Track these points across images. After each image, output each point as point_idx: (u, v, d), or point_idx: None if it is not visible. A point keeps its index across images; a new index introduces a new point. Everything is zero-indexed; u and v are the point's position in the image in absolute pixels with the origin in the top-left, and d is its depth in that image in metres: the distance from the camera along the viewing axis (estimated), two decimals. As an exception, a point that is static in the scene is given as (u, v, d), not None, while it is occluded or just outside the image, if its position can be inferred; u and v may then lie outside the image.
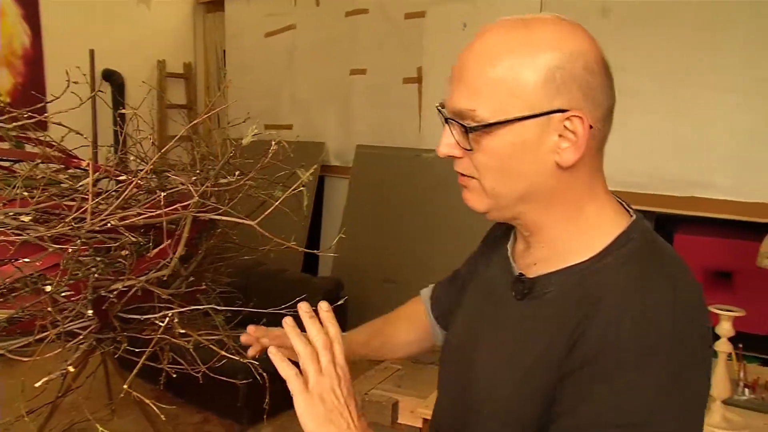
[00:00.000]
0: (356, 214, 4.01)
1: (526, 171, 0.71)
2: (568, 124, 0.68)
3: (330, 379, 0.72)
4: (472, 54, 0.71)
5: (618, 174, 2.86)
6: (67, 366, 1.00)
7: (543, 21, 0.70)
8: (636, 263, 0.70)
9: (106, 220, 0.98)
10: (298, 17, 4.38)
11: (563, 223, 0.75)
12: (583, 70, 0.68)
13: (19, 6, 4.04)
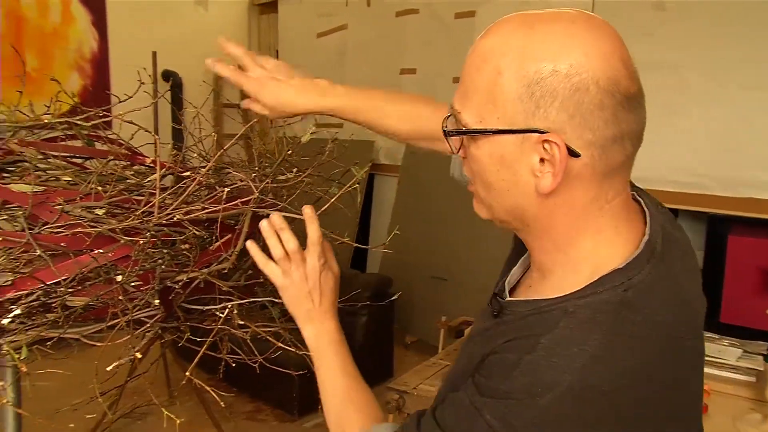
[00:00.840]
0: (404, 211, 4.02)
1: (507, 188, 0.65)
2: (547, 147, 0.60)
3: (298, 274, 0.91)
4: (472, 53, 0.65)
5: (670, 173, 2.79)
6: (135, 352, 1.04)
7: (551, 22, 0.61)
8: (580, 320, 0.60)
9: (172, 214, 1.02)
10: (350, 17, 4.41)
11: (551, 251, 0.68)
12: (571, 89, 0.58)
13: (90, 12, 4.20)
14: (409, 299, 3.66)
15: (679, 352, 0.63)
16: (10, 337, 0.93)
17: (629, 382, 0.58)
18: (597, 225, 0.65)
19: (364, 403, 0.88)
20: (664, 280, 0.64)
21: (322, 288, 0.93)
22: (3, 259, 0.93)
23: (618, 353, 0.58)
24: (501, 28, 0.64)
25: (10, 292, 0.93)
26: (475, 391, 0.63)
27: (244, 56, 1.13)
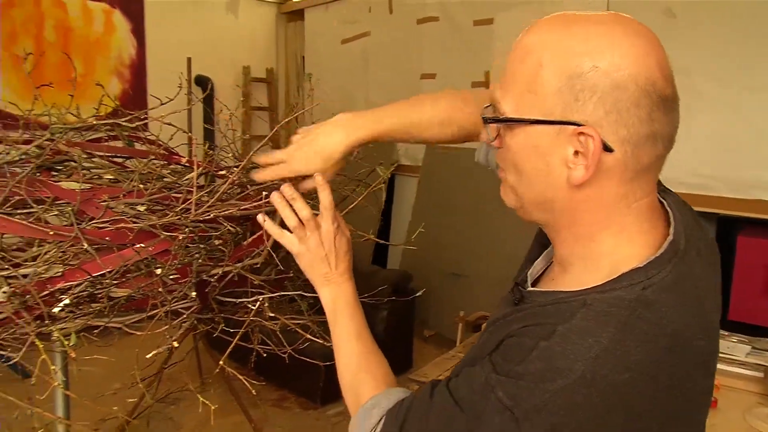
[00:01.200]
0: (424, 210, 4.02)
1: (538, 178, 0.65)
2: (582, 139, 0.60)
3: (314, 239, 0.91)
4: (515, 47, 0.66)
5: (682, 175, 2.76)
6: (172, 341, 1.06)
7: (591, 22, 0.61)
8: (596, 313, 0.60)
9: (208, 211, 1.03)
10: (372, 25, 4.42)
11: (573, 245, 0.67)
12: (611, 85, 0.58)
13: (129, 21, 4.28)
14: (427, 294, 3.66)
15: (688, 352, 0.62)
16: (60, 324, 0.96)
17: (638, 377, 0.58)
18: (621, 223, 0.64)
19: (377, 366, 0.87)
20: (682, 281, 0.63)
21: (338, 251, 0.92)
22: (54, 252, 0.96)
23: (629, 348, 0.58)
24: (543, 25, 0.64)
25: (60, 282, 0.95)
26: (491, 369, 0.63)
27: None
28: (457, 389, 0.67)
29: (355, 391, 0.85)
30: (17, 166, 1.11)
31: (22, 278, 0.95)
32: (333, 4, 4.73)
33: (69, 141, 1.19)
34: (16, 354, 0.97)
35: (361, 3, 4.47)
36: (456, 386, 0.67)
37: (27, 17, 3.89)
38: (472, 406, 0.63)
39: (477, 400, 0.63)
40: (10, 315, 0.94)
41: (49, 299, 0.96)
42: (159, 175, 1.25)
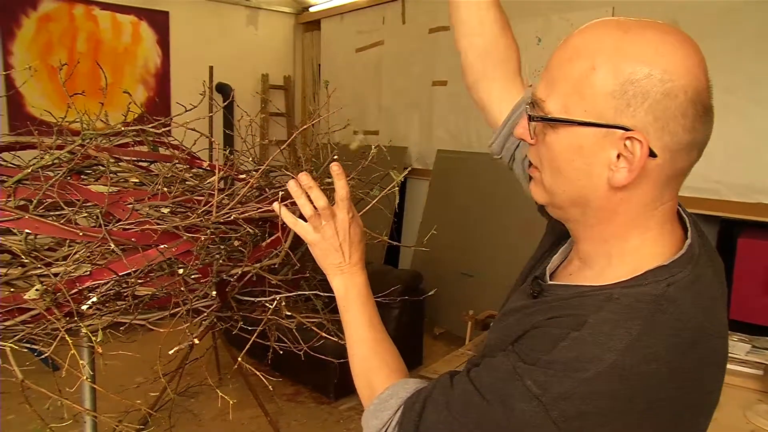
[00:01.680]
0: (435, 212, 4.01)
1: (578, 177, 0.63)
2: (628, 143, 0.59)
3: (329, 229, 0.87)
4: (564, 46, 0.64)
5: (690, 180, 2.74)
6: (193, 338, 1.06)
7: (646, 29, 0.60)
8: (624, 306, 0.60)
9: (229, 213, 1.04)
10: (386, 34, 4.42)
11: (600, 244, 0.67)
12: (662, 93, 0.58)
13: (155, 32, 4.32)
14: (438, 293, 3.65)
15: (707, 348, 0.62)
16: (88, 321, 0.97)
17: (662, 368, 0.58)
18: (647, 224, 0.64)
19: (390, 356, 0.85)
20: (699, 281, 0.63)
21: (351, 241, 0.88)
22: (83, 252, 0.97)
23: (656, 340, 0.58)
24: (596, 28, 0.63)
25: (88, 281, 0.96)
26: (517, 358, 0.63)
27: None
28: (479, 378, 0.66)
29: (367, 379, 0.83)
30: (50, 170, 1.12)
31: (53, 277, 0.96)
32: (348, 15, 4.74)
33: (98, 146, 1.21)
34: (47, 348, 0.98)
35: (376, 14, 4.47)
36: (478, 376, 0.66)
37: (63, 31, 3.95)
38: (496, 394, 0.62)
39: (502, 389, 0.62)
40: (42, 311, 0.96)
41: (78, 297, 0.97)
42: (182, 179, 1.26)
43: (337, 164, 0.88)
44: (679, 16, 2.74)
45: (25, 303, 0.96)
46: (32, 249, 0.98)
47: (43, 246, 1.03)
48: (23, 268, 0.97)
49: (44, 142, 1.19)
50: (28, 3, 3.82)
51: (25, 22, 3.82)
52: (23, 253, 0.95)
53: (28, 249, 0.96)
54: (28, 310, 0.97)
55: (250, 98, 4.72)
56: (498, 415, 0.62)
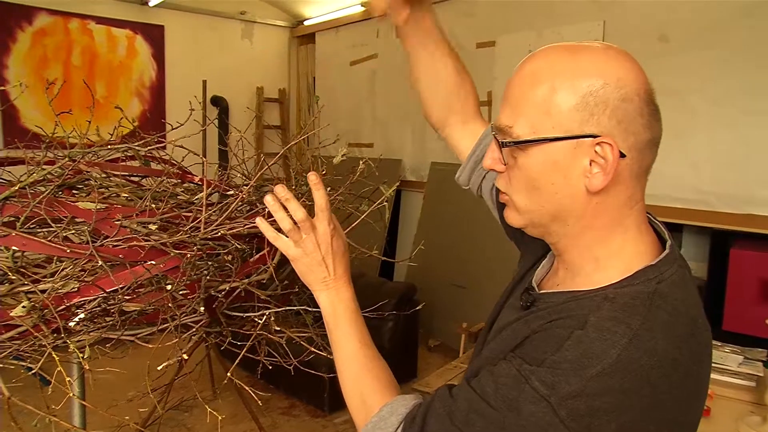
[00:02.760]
0: (429, 224, 4.02)
1: (556, 191, 0.67)
2: (598, 149, 0.63)
3: (310, 242, 0.84)
4: (519, 75, 0.69)
5: (676, 191, 2.75)
6: (182, 353, 1.06)
7: (591, 49, 0.66)
8: (621, 304, 0.62)
9: (217, 229, 1.04)
10: (380, 47, 4.45)
11: (585, 250, 0.70)
12: (620, 99, 0.63)
13: (150, 46, 4.35)
14: (432, 305, 3.65)
15: (702, 340, 0.65)
16: (76, 337, 0.96)
17: (663, 360, 0.60)
18: (626, 223, 0.68)
19: (383, 373, 0.83)
20: (685, 279, 0.68)
21: (335, 253, 0.85)
22: (70, 268, 0.97)
23: (656, 334, 0.60)
24: (544, 53, 0.68)
25: (75, 297, 0.96)
26: (521, 362, 0.64)
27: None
28: (481, 386, 0.66)
29: (361, 398, 0.81)
30: (41, 185, 1.12)
31: (41, 293, 0.96)
32: (343, 28, 4.77)
33: (88, 161, 1.21)
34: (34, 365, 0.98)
35: (370, 27, 4.50)
36: (479, 384, 0.66)
37: (58, 45, 3.97)
38: (502, 399, 0.63)
39: (508, 393, 0.62)
40: (30, 328, 0.95)
41: (66, 313, 0.97)
42: (172, 194, 1.27)
43: (315, 173, 0.85)
44: (668, 29, 2.77)
45: (13, 320, 0.95)
46: (20, 266, 0.98)
47: (32, 262, 1.03)
48: (10, 284, 0.97)
49: (33, 158, 1.19)
50: (23, 17, 3.84)
51: (20, 36, 3.83)
52: (10, 270, 0.95)
53: (15, 266, 0.96)
54: (15, 327, 0.97)
55: (246, 111, 4.74)
56: (505, 419, 0.62)
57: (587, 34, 3.03)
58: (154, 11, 4.34)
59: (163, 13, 4.40)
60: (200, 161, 1.49)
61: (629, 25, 2.88)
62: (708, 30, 2.66)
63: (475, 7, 3.72)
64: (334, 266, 0.86)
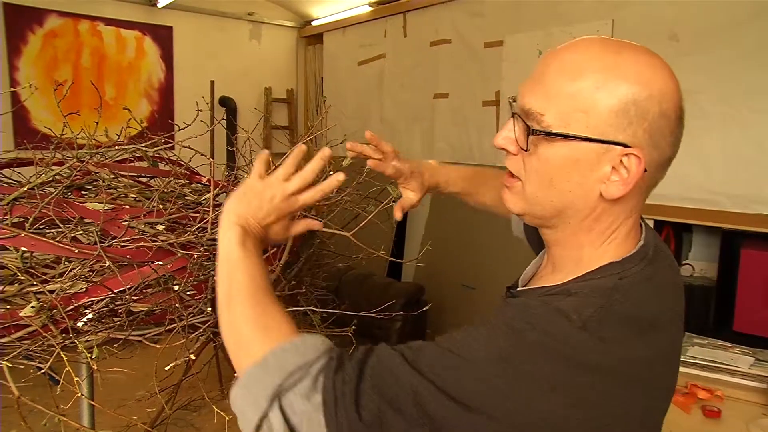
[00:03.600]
0: (438, 224, 4.01)
1: (570, 189, 0.65)
2: (625, 159, 0.62)
3: (284, 189, 0.78)
4: (558, 61, 0.65)
5: (686, 191, 2.73)
6: (189, 354, 1.06)
7: (636, 51, 0.63)
8: (578, 296, 0.62)
9: (224, 230, 1.04)
10: (388, 47, 4.44)
11: (574, 248, 0.69)
12: (659, 114, 0.61)
13: (159, 47, 4.37)
14: (440, 305, 3.64)
15: (662, 339, 0.64)
16: (84, 337, 0.97)
17: (611, 353, 0.59)
18: (618, 231, 0.67)
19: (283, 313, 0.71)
20: (652, 279, 0.66)
21: (278, 216, 0.78)
22: (78, 269, 0.97)
23: (607, 327, 0.59)
24: (588, 44, 0.65)
25: (84, 298, 0.96)
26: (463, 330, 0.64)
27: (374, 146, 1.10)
28: (445, 341, 0.63)
29: (263, 323, 0.68)
30: (50, 185, 1.13)
31: (49, 293, 0.96)
32: (350, 29, 4.77)
33: (97, 162, 1.22)
34: (44, 365, 0.99)
35: (377, 27, 4.50)
36: (442, 341, 0.64)
37: (68, 46, 4.00)
38: (456, 341, 0.62)
39: (472, 342, 0.62)
40: (39, 328, 0.96)
41: (74, 313, 0.98)
42: (180, 194, 1.27)
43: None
44: (678, 28, 2.75)
45: (22, 320, 0.96)
46: (29, 266, 0.99)
47: (41, 263, 1.04)
48: (20, 285, 0.98)
49: (42, 159, 1.20)
50: (34, 20, 3.86)
51: (31, 38, 3.86)
52: (19, 270, 0.96)
53: (24, 266, 0.96)
54: (24, 327, 0.97)
55: (254, 111, 4.75)
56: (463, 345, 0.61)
57: (596, 34, 3.01)
58: (163, 12, 4.36)
59: (171, 15, 4.41)
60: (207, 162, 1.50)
61: (638, 25, 2.86)
62: (719, 29, 2.63)
63: (483, 6, 3.70)
64: (265, 219, 0.78)
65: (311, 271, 1.39)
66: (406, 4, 4.19)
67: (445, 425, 0.57)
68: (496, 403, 0.56)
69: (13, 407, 1.01)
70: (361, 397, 0.59)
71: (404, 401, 0.58)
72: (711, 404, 1.73)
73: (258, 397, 0.61)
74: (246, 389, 0.63)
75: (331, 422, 0.59)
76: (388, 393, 0.59)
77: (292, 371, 0.61)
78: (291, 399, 0.60)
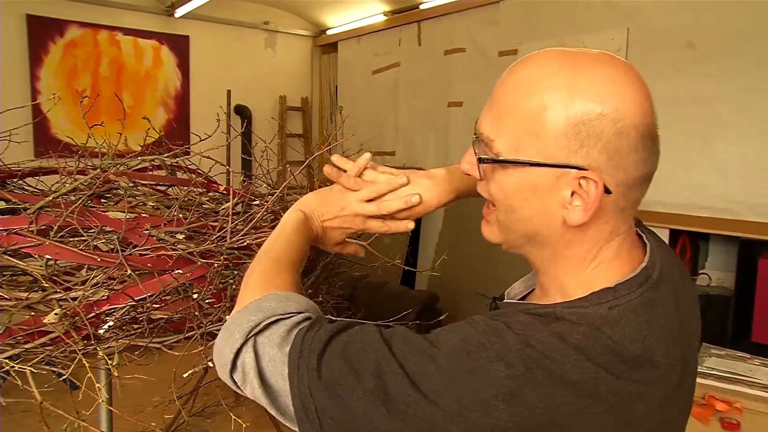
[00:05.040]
0: (451, 233, 4.01)
1: (530, 216, 0.62)
2: (583, 182, 0.58)
3: (356, 202, 0.90)
4: (510, 80, 0.62)
5: (704, 200, 2.71)
6: (207, 361, 1.08)
7: (594, 65, 0.59)
8: (568, 322, 0.58)
9: (243, 239, 1.06)
10: (402, 56, 4.46)
11: (554, 277, 0.66)
12: (615, 133, 0.57)
13: (175, 56, 4.43)
14: (454, 314, 3.63)
15: (651, 372, 0.58)
16: (105, 344, 0.99)
17: (587, 378, 0.54)
18: (601, 255, 0.63)
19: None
20: (653, 306, 0.60)
21: (340, 223, 0.90)
22: (100, 276, 0.99)
23: (590, 354, 0.55)
24: (542, 59, 0.61)
25: (105, 305, 0.98)
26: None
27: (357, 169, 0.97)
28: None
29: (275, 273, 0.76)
30: (72, 194, 1.16)
31: (72, 301, 0.98)
32: (365, 37, 4.80)
33: (117, 171, 1.24)
34: (65, 370, 1.01)
35: (392, 36, 4.53)
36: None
37: (87, 56, 4.07)
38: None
39: (447, 333, 0.60)
40: (61, 335, 0.98)
41: (96, 321, 0.99)
42: (198, 203, 1.29)
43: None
44: (696, 36, 2.74)
45: (45, 326, 0.98)
46: (52, 273, 1.01)
47: (62, 270, 1.06)
48: (43, 292, 1.00)
49: (65, 168, 1.23)
50: (56, 30, 3.94)
51: (53, 48, 3.94)
52: (43, 278, 0.98)
53: (48, 274, 0.99)
54: (47, 333, 0.99)
55: (269, 120, 4.79)
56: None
57: (610, 42, 3.01)
58: (180, 22, 4.43)
59: (188, 24, 4.48)
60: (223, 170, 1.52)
61: (654, 33, 2.85)
62: (736, 37, 2.62)
63: (498, 14, 3.72)
64: (326, 219, 0.90)
65: (328, 279, 1.40)
66: (421, 13, 4.21)
67: (400, 406, 0.55)
68: (452, 397, 0.54)
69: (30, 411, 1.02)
70: (325, 357, 0.59)
71: (366, 371, 0.57)
72: (730, 416, 1.71)
73: (234, 333, 0.65)
74: (226, 330, 0.67)
75: (293, 374, 0.60)
76: (352, 360, 0.59)
77: (270, 315, 0.65)
78: (263, 341, 0.63)
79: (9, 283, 1.02)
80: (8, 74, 3.81)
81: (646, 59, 2.73)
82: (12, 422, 2.80)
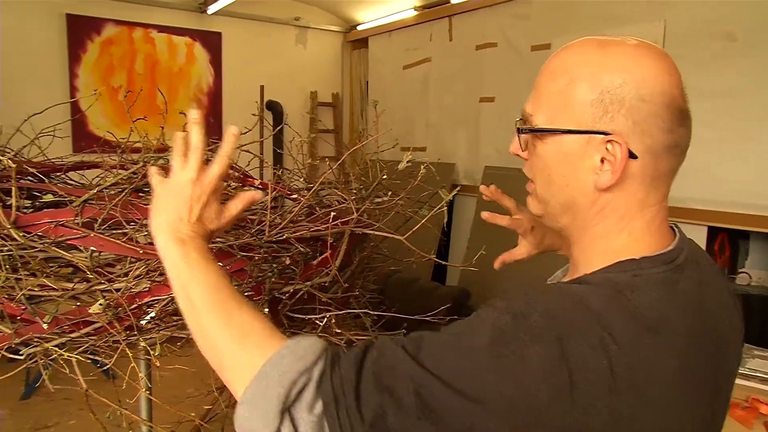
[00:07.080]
0: (483, 229, 3.98)
1: (567, 183, 0.67)
2: (609, 147, 0.63)
3: (188, 175, 0.74)
4: (547, 66, 0.70)
5: (743, 197, 2.63)
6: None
7: (620, 45, 0.65)
8: (589, 285, 0.61)
9: (282, 232, 1.06)
10: (433, 51, 4.44)
11: (588, 247, 0.69)
12: (638, 99, 0.62)
13: (208, 53, 4.50)
14: (484, 310, 3.61)
15: (672, 346, 0.58)
16: (147, 335, 1.00)
17: (606, 346, 0.55)
18: (632, 226, 0.66)
19: (261, 319, 0.68)
20: (675, 286, 0.62)
21: (206, 206, 0.75)
22: (142, 269, 1.01)
23: (613, 316, 0.57)
24: (575, 47, 0.68)
25: (147, 296, 1.00)
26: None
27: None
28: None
29: (244, 335, 0.65)
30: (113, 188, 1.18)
31: (115, 292, 1.00)
32: (396, 33, 4.79)
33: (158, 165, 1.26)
34: (108, 360, 1.03)
35: (423, 31, 4.51)
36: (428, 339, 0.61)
37: (123, 53, 4.16)
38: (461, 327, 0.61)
39: (471, 330, 0.59)
40: (105, 325, 1.00)
41: (138, 312, 1.01)
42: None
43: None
44: (734, 27, 2.66)
45: (90, 316, 1.00)
46: (96, 265, 1.03)
47: (103, 262, 1.08)
48: (88, 283, 1.02)
49: (107, 163, 1.25)
50: (93, 29, 4.03)
51: (90, 46, 4.03)
52: (88, 269, 1.00)
53: (93, 265, 1.01)
54: (91, 323, 1.02)
55: (300, 116, 4.83)
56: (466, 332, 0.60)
57: (647, 35, 2.94)
58: (212, 19, 4.48)
59: (220, 21, 4.53)
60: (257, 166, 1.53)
61: (692, 24, 2.78)
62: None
63: (530, 8, 3.66)
64: (197, 215, 0.75)
65: (363, 274, 1.40)
66: (452, 8, 4.18)
67: (446, 415, 0.55)
68: (492, 390, 0.54)
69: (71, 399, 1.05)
70: (362, 395, 0.57)
71: (404, 394, 0.56)
72: (773, 419, 1.66)
73: (267, 411, 0.59)
74: (252, 405, 0.60)
75: (334, 425, 0.57)
76: (388, 388, 0.57)
77: (295, 379, 0.59)
78: (299, 409, 0.59)
79: (55, 274, 1.04)
80: (49, 72, 3.91)
81: (685, 50, 2.65)
82: (54, 409, 2.89)
